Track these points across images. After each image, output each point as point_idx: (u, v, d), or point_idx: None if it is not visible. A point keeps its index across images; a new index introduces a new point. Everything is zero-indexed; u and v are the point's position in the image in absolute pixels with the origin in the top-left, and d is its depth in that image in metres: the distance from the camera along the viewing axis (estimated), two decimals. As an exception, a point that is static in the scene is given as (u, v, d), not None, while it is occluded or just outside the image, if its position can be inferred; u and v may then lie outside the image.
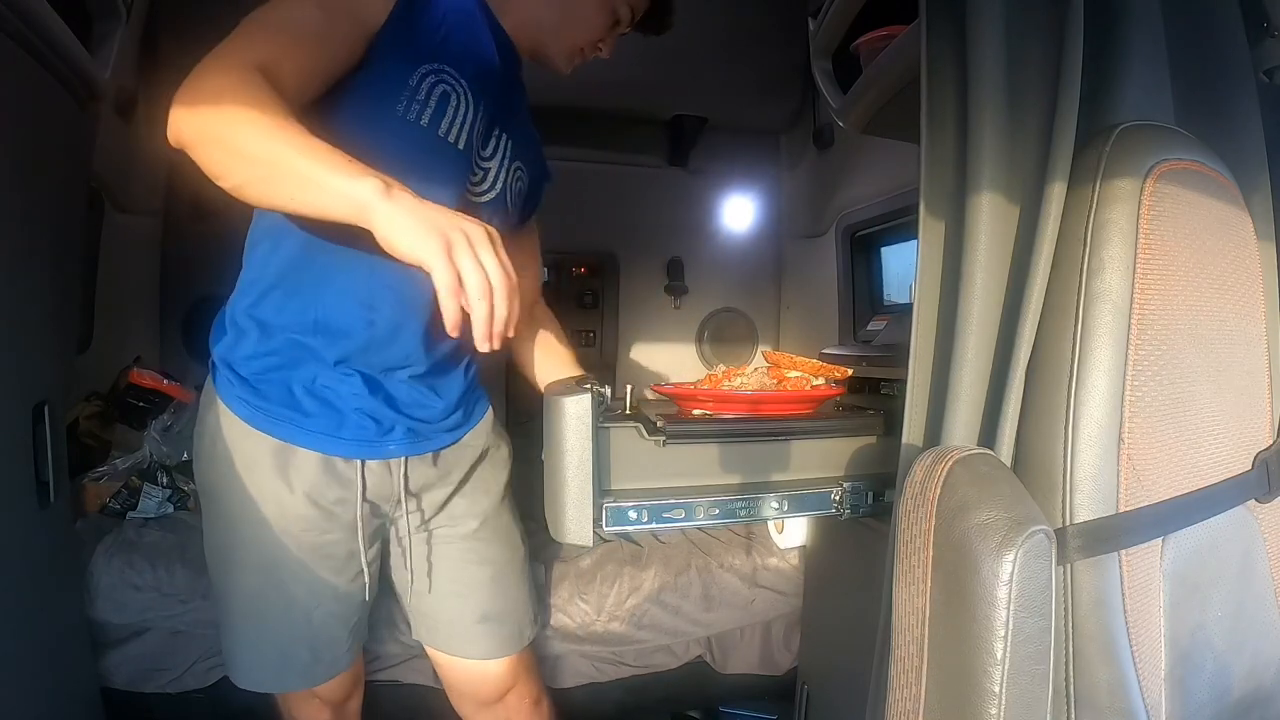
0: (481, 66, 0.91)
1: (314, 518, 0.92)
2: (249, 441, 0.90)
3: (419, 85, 0.85)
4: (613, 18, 1.00)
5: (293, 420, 0.89)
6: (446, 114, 0.87)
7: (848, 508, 0.82)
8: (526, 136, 1.03)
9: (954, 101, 0.64)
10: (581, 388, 0.74)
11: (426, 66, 0.85)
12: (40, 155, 1.06)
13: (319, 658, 1.00)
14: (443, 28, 0.88)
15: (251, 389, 0.90)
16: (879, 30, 1.06)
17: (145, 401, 1.68)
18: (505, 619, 1.09)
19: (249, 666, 1.00)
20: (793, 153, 2.21)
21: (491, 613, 1.07)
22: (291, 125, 0.69)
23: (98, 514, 1.41)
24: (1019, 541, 0.50)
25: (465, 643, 1.07)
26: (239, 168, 0.70)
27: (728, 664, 1.46)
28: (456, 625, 1.07)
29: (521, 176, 1.02)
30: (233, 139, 0.69)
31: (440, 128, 0.86)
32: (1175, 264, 0.61)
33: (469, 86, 0.89)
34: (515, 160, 0.99)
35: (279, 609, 0.96)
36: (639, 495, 0.76)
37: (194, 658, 1.28)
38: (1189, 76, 0.69)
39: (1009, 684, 0.50)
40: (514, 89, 0.99)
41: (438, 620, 1.07)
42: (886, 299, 1.86)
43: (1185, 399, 0.62)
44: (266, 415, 0.89)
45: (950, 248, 0.65)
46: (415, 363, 0.93)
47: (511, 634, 1.10)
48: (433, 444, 0.97)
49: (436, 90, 0.86)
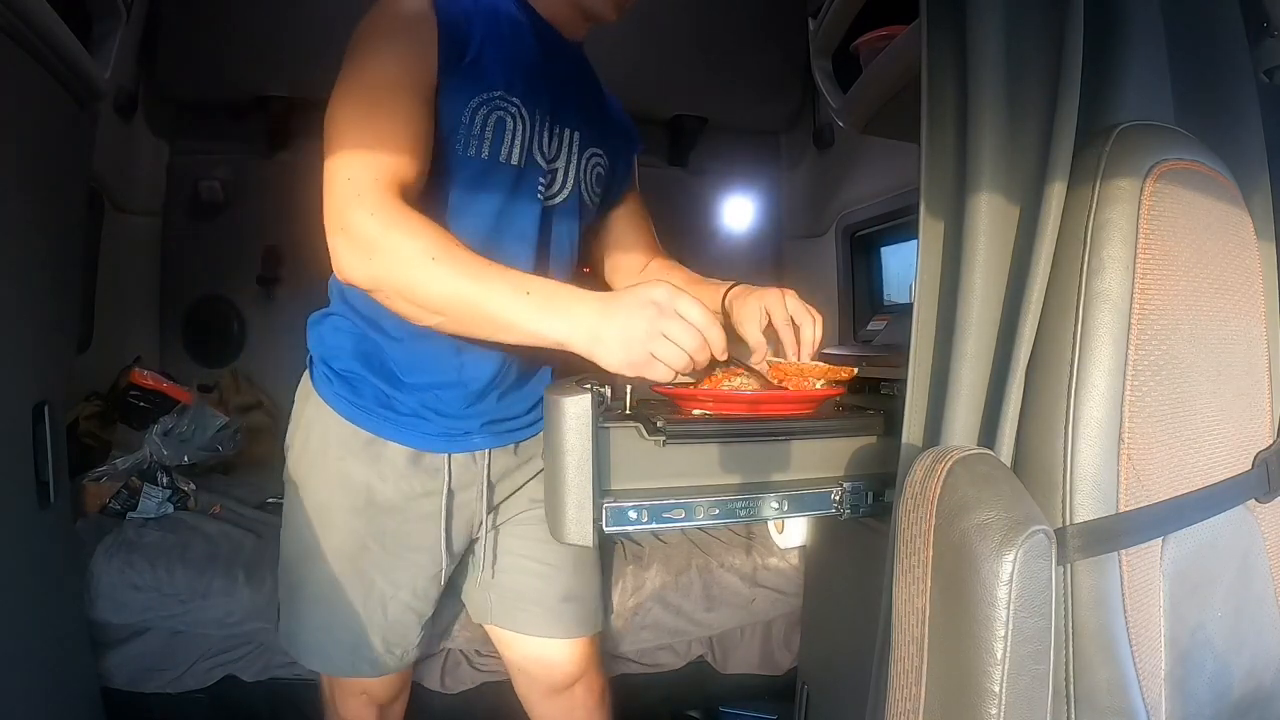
0: (528, 73, 0.91)
1: (402, 507, 0.96)
2: (343, 432, 0.95)
3: (472, 120, 0.87)
4: None
5: (384, 416, 0.95)
6: (504, 139, 0.89)
7: (848, 508, 0.82)
8: (597, 119, 1.01)
9: (954, 101, 0.64)
10: (581, 388, 0.73)
11: (476, 99, 0.87)
12: (40, 155, 1.06)
13: (390, 648, 1.02)
14: (481, 52, 0.88)
15: (346, 384, 0.95)
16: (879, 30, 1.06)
17: (146, 401, 1.69)
18: (586, 599, 1.11)
19: (321, 649, 1.02)
20: (793, 153, 2.21)
21: (574, 592, 1.09)
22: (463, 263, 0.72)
23: (98, 514, 1.41)
24: (1019, 541, 0.50)
25: (548, 623, 1.08)
26: (427, 318, 0.75)
27: (728, 664, 1.46)
28: (540, 605, 1.08)
29: (599, 162, 1.01)
30: (410, 292, 0.73)
31: (500, 154, 0.88)
32: (1175, 264, 0.61)
33: (521, 102, 0.89)
34: (586, 149, 0.98)
35: (358, 596, 0.98)
36: (639, 495, 0.76)
37: (194, 657, 1.28)
38: (1189, 76, 0.69)
39: (1009, 684, 0.50)
40: (570, 80, 0.97)
41: (521, 600, 1.08)
42: (886, 299, 1.86)
43: (1185, 399, 0.62)
44: (360, 409, 0.95)
45: (950, 248, 0.65)
46: (502, 385, 0.98)
47: (590, 614, 1.12)
48: (515, 436, 1.02)
49: (491, 119, 0.88)
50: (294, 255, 2.12)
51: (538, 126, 0.91)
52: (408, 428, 0.95)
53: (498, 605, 1.09)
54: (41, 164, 1.06)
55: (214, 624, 1.27)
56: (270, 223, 2.10)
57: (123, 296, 1.94)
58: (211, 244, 2.09)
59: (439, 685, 1.30)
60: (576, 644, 1.11)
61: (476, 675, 1.33)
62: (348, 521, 0.96)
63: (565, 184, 0.96)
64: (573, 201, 0.97)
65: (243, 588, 1.28)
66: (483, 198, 0.88)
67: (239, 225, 2.08)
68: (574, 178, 0.97)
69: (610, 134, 1.03)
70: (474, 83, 0.87)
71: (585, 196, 0.99)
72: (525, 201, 0.91)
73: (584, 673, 1.12)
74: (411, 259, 0.72)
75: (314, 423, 0.97)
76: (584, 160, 0.98)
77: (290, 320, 2.14)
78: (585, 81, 1.01)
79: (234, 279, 2.11)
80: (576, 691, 1.12)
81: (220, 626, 1.28)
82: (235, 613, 1.27)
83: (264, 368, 2.14)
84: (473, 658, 1.33)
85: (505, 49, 0.90)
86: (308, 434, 0.98)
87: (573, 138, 0.96)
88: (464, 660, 1.33)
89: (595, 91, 1.03)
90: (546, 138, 0.92)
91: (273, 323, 2.15)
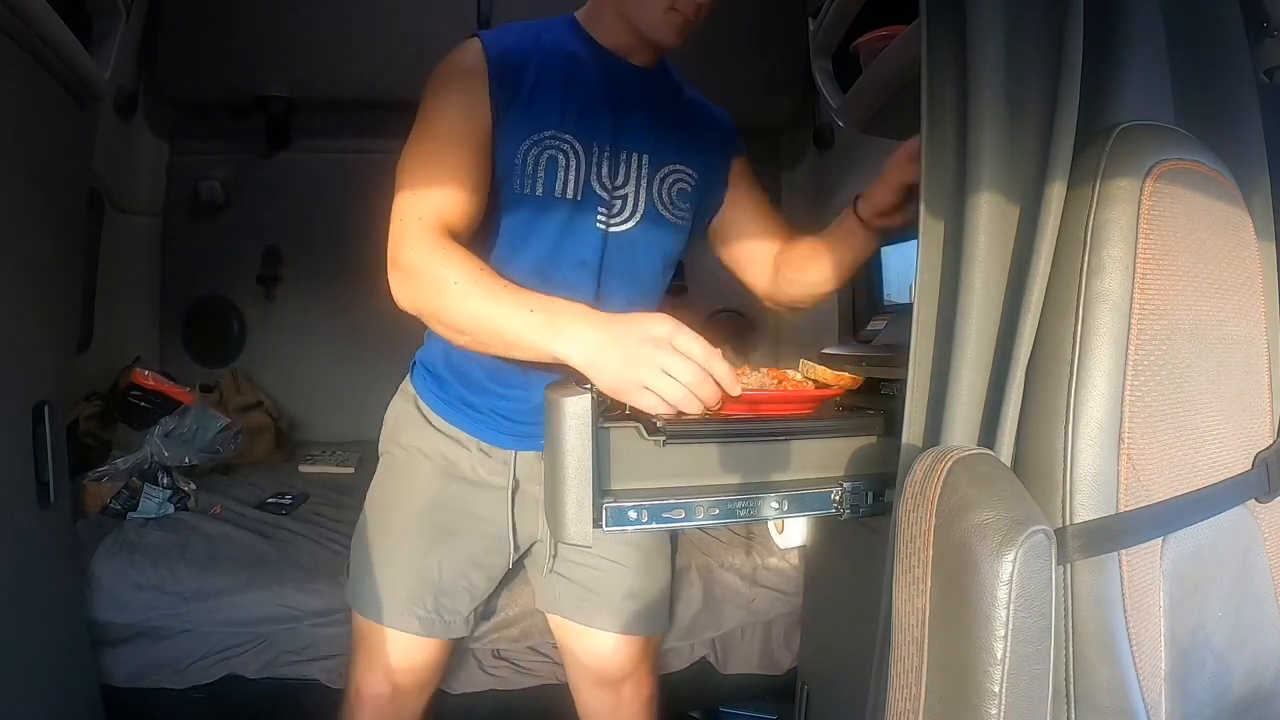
0: (586, 107, 0.97)
1: (475, 481, 1.07)
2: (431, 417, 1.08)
3: (525, 160, 0.94)
4: None
5: (463, 412, 1.07)
6: (558, 175, 0.95)
7: (848, 508, 0.82)
8: (676, 135, 1.04)
9: (954, 101, 0.64)
10: (582, 388, 0.73)
11: (528, 140, 0.94)
12: (40, 155, 1.06)
13: (440, 611, 1.08)
14: (533, 95, 0.95)
15: (437, 382, 1.09)
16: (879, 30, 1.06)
17: (147, 402, 1.69)
18: (649, 599, 1.14)
19: (377, 597, 1.07)
20: (793, 153, 2.21)
21: (638, 590, 1.13)
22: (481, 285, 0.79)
23: (98, 514, 1.41)
24: (1019, 541, 0.50)
25: (606, 616, 1.12)
26: (456, 337, 0.84)
27: (729, 664, 1.46)
28: (602, 598, 1.12)
29: (683, 177, 1.04)
30: (440, 315, 0.82)
31: (555, 190, 0.95)
32: (1175, 264, 0.61)
33: (575, 137, 0.96)
34: (661, 168, 1.02)
35: (421, 548, 1.07)
36: (639, 495, 0.76)
37: (196, 656, 1.29)
38: (1189, 76, 0.69)
39: (1009, 684, 0.50)
40: (638, 105, 1.01)
41: (585, 592, 1.12)
42: (886, 299, 1.86)
43: (1185, 399, 0.62)
44: (445, 403, 1.07)
45: (950, 248, 0.65)
46: None
47: (651, 615, 1.15)
48: None
49: (543, 159, 0.95)
50: (294, 255, 2.13)
51: (595, 159, 0.97)
52: (482, 424, 1.06)
53: (564, 596, 1.13)
54: (41, 164, 1.06)
55: (216, 622, 1.28)
56: (270, 223, 2.11)
57: (123, 296, 1.94)
58: (211, 244, 2.09)
59: (446, 687, 1.31)
60: (631, 645, 1.13)
61: (486, 680, 1.33)
62: (428, 480, 1.07)
63: (636, 208, 1.01)
64: (647, 223, 1.01)
65: (245, 586, 1.28)
66: (539, 231, 0.96)
67: (239, 225, 2.08)
68: (644, 200, 1.01)
69: (700, 146, 1.07)
70: (526, 124, 0.94)
71: (667, 214, 1.03)
72: (584, 231, 0.98)
73: (634, 671, 1.13)
74: (441, 285, 0.80)
75: (407, 406, 1.11)
76: (659, 180, 1.02)
77: (290, 320, 2.15)
78: (660, 102, 1.04)
79: (234, 279, 2.11)
80: (625, 689, 1.13)
81: (222, 625, 1.28)
82: (239, 611, 1.28)
83: (264, 368, 2.14)
84: (484, 660, 1.33)
85: (559, 87, 0.96)
86: (398, 414, 1.12)
87: (641, 161, 1.00)
88: (476, 664, 1.33)
89: (675, 108, 1.07)
90: (608, 168, 0.98)
91: (273, 323, 2.15)
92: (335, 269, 2.04)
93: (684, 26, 0.97)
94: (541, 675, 1.34)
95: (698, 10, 0.97)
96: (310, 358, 2.15)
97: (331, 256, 2.07)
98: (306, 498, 1.62)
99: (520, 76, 0.94)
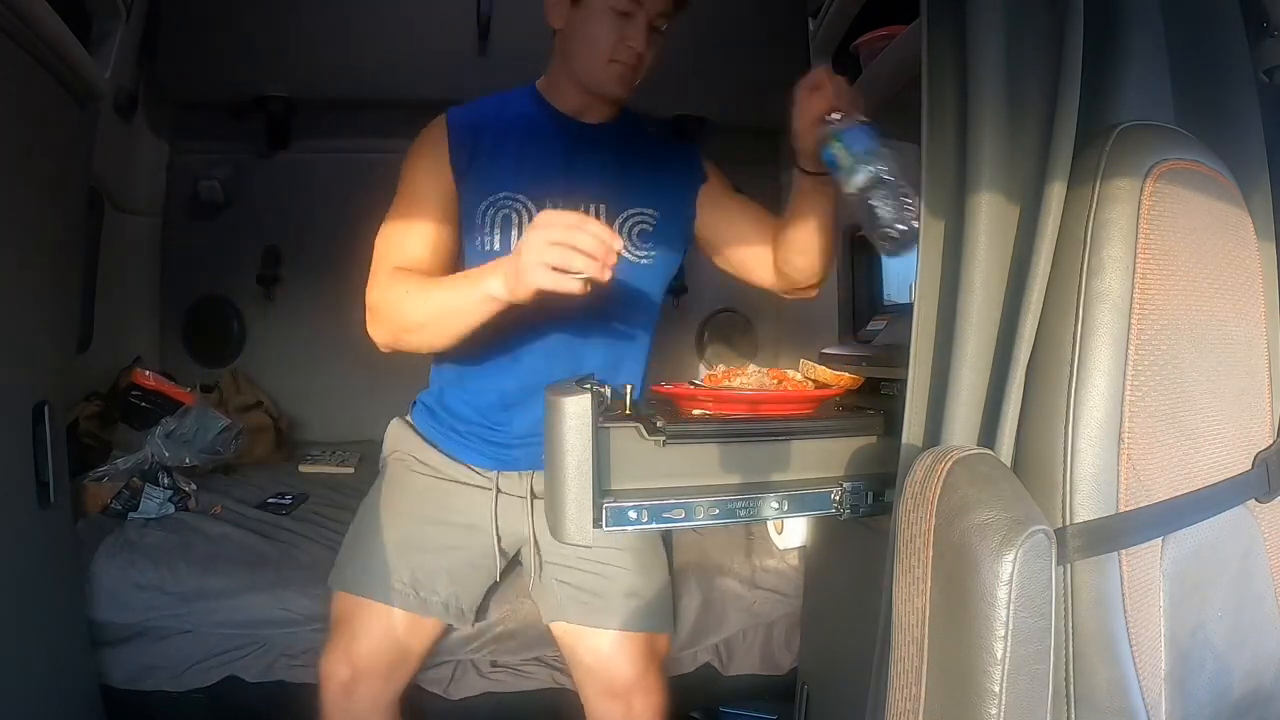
0: (540, 167, 1.09)
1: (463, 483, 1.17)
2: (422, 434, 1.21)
3: (483, 219, 1.07)
4: (616, 11, 1.04)
5: (450, 437, 1.19)
6: (512, 232, 1.07)
7: (848, 508, 0.82)
8: (634, 181, 1.14)
9: (954, 101, 0.64)
10: (581, 388, 0.74)
11: (485, 201, 1.07)
12: (40, 155, 1.06)
13: (416, 588, 1.12)
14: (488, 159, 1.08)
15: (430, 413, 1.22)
16: (879, 30, 1.07)
17: (148, 402, 1.69)
18: (649, 599, 1.17)
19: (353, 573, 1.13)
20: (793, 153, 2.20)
21: (637, 588, 1.16)
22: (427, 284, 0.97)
23: (99, 514, 1.41)
24: (1019, 541, 0.50)
25: (609, 614, 1.14)
26: (426, 335, 0.99)
27: (731, 666, 1.46)
28: (601, 598, 1.15)
29: (642, 219, 1.14)
30: (404, 324, 0.99)
31: (511, 245, 1.05)
32: (1175, 264, 0.61)
33: (528, 196, 1.07)
34: (619, 215, 1.12)
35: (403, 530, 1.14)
36: (639, 495, 0.76)
37: (196, 657, 1.28)
38: (1189, 76, 0.69)
39: (1009, 684, 0.50)
40: (595, 159, 1.12)
41: (583, 594, 1.15)
42: (886, 299, 1.86)
43: (1185, 399, 0.62)
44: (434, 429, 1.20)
45: (950, 248, 0.65)
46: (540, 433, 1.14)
47: (651, 612, 1.17)
48: None
49: (498, 218, 1.07)
50: (294, 255, 2.13)
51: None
52: (469, 448, 1.17)
53: (568, 602, 1.15)
54: (41, 164, 1.06)
55: (217, 624, 1.27)
56: (270, 223, 2.10)
57: (123, 296, 1.94)
58: (211, 244, 2.09)
59: (443, 691, 1.30)
60: (635, 644, 1.14)
61: (483, 684, 1.33)
62: (416, 478, 1.18)
63: None
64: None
65: (247, 588, 1.28)
66: None
67: (239, 225, 2.08)
68: None
69: (661, 186, 1.16)
70: (482, 187, 1.07)
71: (628, 255, 1.10)
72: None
73: (642, 677, 1.12)
74: (398, 300, 0.98)
75: (404, 426, 1.24)
76: (618, 225, 1.11)
77: (290, 320, 2.15)
78: (619, 152, 1.14)
79: (234, 279, 2.11)
80: (635, 699, 1.12)
81: (223, 626, 1.28)
82: (239, 613, 1.27)
83: (264, 368, 2.14)
84: (483, 668, 1.33)
85: (513, 151, 1.09)
86: (396, 430, 1.24)
87: (599, 210, 1.09)
88: (473, 670, 1.33)
89: (635, 155, 1.16)
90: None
91: (273, 323, 2.15)
92: (335, 269, 2.03)
93: (627, 75, 1.07)
94: (541, 680, 1.34)
95: (638, 59, 1.06)
96: (310, 358, 2.15)
97: (331, 256, 2.06)
98: (306, 498, 1.62)
99: (477, 143, 1.08)
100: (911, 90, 0.72)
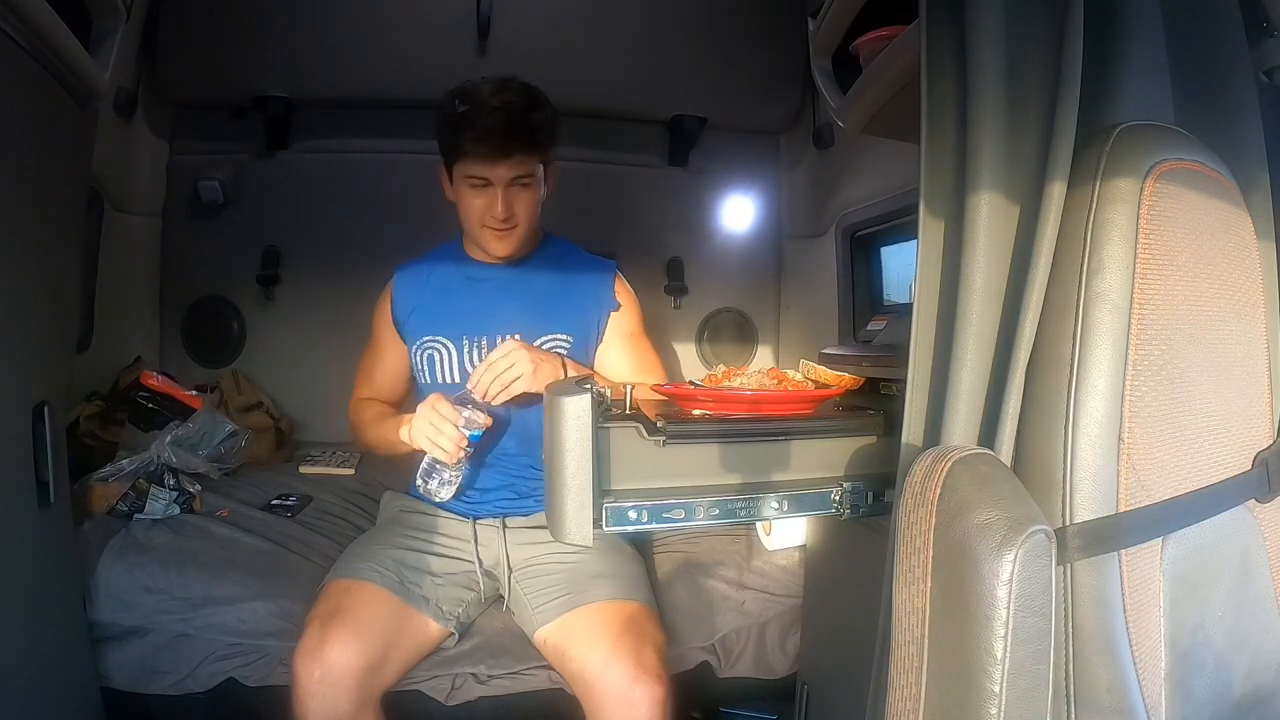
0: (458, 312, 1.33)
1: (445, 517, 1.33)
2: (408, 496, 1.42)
3: (417, 358, 1.35)
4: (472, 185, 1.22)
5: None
6: (436, 368, 1.33)
7: (848, 508, 0.82)
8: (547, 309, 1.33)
9: (954, 101, 0.64)
10: (581, 388, 0.74)
11: (416, 344, 1.35)
12: (40, 155, 1.06)
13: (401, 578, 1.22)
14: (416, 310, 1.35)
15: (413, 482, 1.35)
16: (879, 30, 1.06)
17: (155, 404, 1.68)
18: (619, 575, 1.25)
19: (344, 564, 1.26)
20: (793, 153, 2.20)
21: (603, 570, 1.25)
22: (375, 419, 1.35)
23: (105, 515, 1.41)
24: (1019, 541, 0.50)
25: (578, 595, 1.20)
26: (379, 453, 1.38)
27: (729, 666, 1.46)
28: (570, 585, 1.22)
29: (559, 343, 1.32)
30: (363, 443, 1.40)
31: (439, 379, 1.33)
32: (1175, 264, 0.61)
33: (446, 336, 1.32)
34: (537, 339, 1.30)
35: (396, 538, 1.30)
36: (639, 495, 0.76)
37: (198, 660, 1.28)
38: (1189, 76, 0.69)
39: (1009, 684, 0.50)
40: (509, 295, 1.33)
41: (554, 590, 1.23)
42: (886, 299, 1.86)
43: (1185, 399, 0.62)
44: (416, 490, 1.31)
45: (950, 248, 0.65)
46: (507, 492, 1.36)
47: (630, 584, 1.25)
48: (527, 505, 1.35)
49: (424, 357, 1.34)
50: (294, 255, 2.12)
51: (467, 349, 1.32)
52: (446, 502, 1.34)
53: (544, 607, 1.22)
54: (41, 164, 1.06)
55: (222, 629, 1.27)
56: (270, 223, 2.10)
57: (123, 296, 1.94)
58: (211, 244, 2.08)
59: (444, 698, 1.30)
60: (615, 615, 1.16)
61: (482, 690, 1.33)
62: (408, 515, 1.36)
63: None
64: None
65: (254, 595, 1.28)
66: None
67: (239, 225, 2.07)
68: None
69: (575, 310, 1.35)
70: (413, 333, 1.35)
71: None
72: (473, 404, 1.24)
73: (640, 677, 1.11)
74: (359, 428, 1.39)
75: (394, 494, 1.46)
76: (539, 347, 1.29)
77: (290, 320, 2.15)
78: (532, 285, 1.35)
79: (234, 279, 2.11)
80: (638, 699, 1.11)
81: (228, 632, 1.27)
82: (245, 619, 1.27)
83: (264, 368, 2.13)
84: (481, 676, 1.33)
85: (435, 300, 1.35)
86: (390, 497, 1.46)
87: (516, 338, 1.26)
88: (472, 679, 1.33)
89: (550, 284, 1.35)
90: (480, 354, 1.30)
91: (273, 323, 2.14)
92: (335, 269, 2.04)
93: (504, 237, 1.26)
94: (539, 681, 1.34)
95: (507, 222, 1.24)
96: (310, 358, 2.14)
97: (331, 256, 2.07)
98: (310, 500, 1.61)
99: (412, 297, 1.36)
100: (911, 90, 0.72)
